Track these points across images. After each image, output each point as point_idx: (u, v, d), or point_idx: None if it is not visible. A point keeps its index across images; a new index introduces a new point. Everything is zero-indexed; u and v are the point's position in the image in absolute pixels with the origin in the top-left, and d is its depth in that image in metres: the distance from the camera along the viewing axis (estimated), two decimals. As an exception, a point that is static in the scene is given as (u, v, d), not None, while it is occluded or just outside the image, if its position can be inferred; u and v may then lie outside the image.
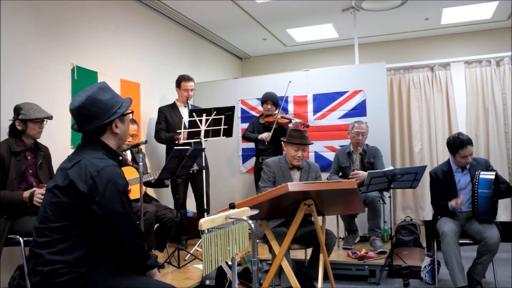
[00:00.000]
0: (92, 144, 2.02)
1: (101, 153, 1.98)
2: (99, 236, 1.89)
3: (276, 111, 5.08)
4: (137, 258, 1.97)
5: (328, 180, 4.76)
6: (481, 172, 3.64)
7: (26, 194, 3.01)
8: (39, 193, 3.00)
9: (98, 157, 1.94)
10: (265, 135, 5.02)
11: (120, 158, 2.12)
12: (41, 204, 1.99)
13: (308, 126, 4.90)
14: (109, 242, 1.90)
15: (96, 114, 1.97)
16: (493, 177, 3.58)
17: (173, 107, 5.03)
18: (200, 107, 4.89)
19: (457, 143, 3.73)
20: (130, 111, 2.16)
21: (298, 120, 4.87)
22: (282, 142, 4.02)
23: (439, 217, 3.87)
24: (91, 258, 1.88)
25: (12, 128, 3.20)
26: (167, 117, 4.94)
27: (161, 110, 5.01)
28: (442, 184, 3.86)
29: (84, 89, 2.03)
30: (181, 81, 4.95)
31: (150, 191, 4.74)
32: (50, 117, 3.28)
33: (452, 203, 3.69)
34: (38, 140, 3.33)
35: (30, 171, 3.23)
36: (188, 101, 4.87)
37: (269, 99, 5.14)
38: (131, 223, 1.92)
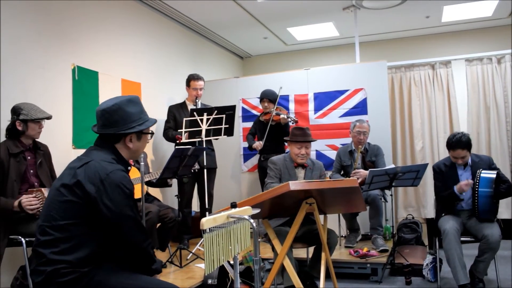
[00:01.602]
0: (104, 148, 2.04)
1: (110, 157, 2.01)
2: (102, 236, 1.90)
3: (274, 108, 5.08)
4: (143, 261, 1.99)
5: (330, 178, 4.76)
6: (482, 171, 3.63)
7: (16, 203, 2.97)
8: (25, 199, 2.98)
9: (107, 160, 1.97)
10: (257, 144, 5.10)
11: (129, 168, 2.13)
12: (45, 202, 2.00)
13: (296, 121, 4.90)
14: (116, 244, 1.91)
15: (116, 121, 2.01)
16: (494, 176, 3.57)
17: (182, 106, 5.07)
18: (210, 106, 4.89)
19: (449, 143, 3.76)
20: (150, 131, 2.18)
21: (285, 116, 4.89)
22: (285, 141, 4.03)
23: (443, 214, 3.86)
24: (94, 258, 1.88)
25: (11, 129, 3.19)
26: (175, 116, 4.98)
27: (170, 109, 5.06)
28: (445, 179, 3.86)
29: (116, 96, 2.10)
30: (190, 80, 4.99)
31: (152, 191, 4.74)
32: (50, 117, 3.30)
33: (458, 186, 3.66)
34: (37, 139, 3.33)
35: (31, 171, 3.23)
36: (197, 100, 4.87)
37: (265, 96, 5.15)
38: (139, 227, 1.94)
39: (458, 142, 3.68)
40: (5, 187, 3.04)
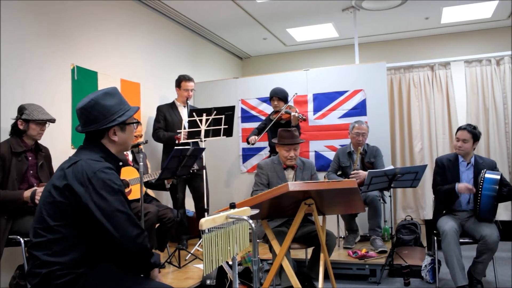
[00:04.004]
0: (91, 146, 2.02)
1: (98, 155, 1.98)
2: (95, 237, 1.89)
3: (284, 107, 4.98)
4: (140, 256, 1.96)
5: (326, 178, 4.76)
6: (487, 171, 3.65)
7: (27, 193, 3.01)
8: (40, 192, 2.98)
9: (95, 159, 1.95)
10: (251, 138, 5.02)
11: (121, 163, 2.11)
12: (38, 204, 1.98)
13: (304, 119, 4.83)
14: (110, 242, 1.89)
15: (96, 117, 1.98)
16: (498, 177, 3.59)
17: (172, 106, 5.03)
18: (196, 107, 4.88)
19: (459, 127, 3.89)
20: (134, 120, 2.14)
21: (296, 114, 4.77)
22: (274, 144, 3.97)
23: (444, 212, 3.87)
24: (88, 259, 1.87)
25: (14, 127, 3.20)
26: (166, 116, 4.94)
27: (160, 109, 5.01)
28: (446, 173, 3.87)
29: (94, 92, 2.05)
30: (181, 81, 4.95)
31: (150, 191, 4.74)
32: (53, 120, 3.30)
33: (461, 185, 3.68)
34: (38, 141, 3.33)
35: (31, 171, 3.23)
36: (188, 101, 4.87)
37: (274, 95, 5.03)
38: (131, 221, 1.91)
39: (466, 127, 3.80)
40: (6, 184, 3.06)
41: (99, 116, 1.98)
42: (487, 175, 3.61)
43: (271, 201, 2.81)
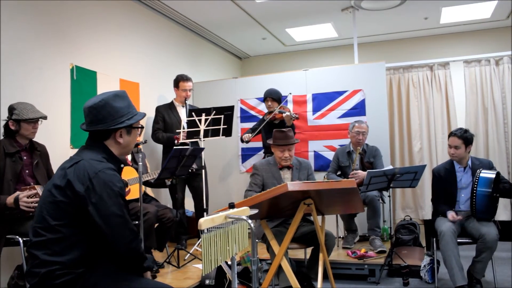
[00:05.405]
0: (94, 147, 2.03)
1: (101, 156, 1.99)
2: (95, 237, 1.89)
3: (277, 107, 4.98)
4: (133, 260, 1.97)
5: (326, 178, 4.76)
6: (482, 171, 3.64)
7: (10, 199, 2.93)
8: (24, 197, 2.94)
9: (97, 159, 1.95)
10: (244, 136, 5.02)
11: (122, 165, 2.11)
12: (38, 203, 1.98)
13: (297, 118, 4.80)
14: (105, 243, 1.90)
15: (104, 117, 1.99)
16: (493, 176, 3.58)
17: (171, 107, 5.02)
18: (196, 107, 4.88)
19: (451, 132, 3.90)
20: (140, 125, 2.17)
21: (287, 113, 4.77)
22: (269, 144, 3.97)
23: (439, 215, 3.87)
24: (87, 259, 1.87)
25: (6, 128, 3.18)
26: (164, 117, 4.93)
27: (158, 110, 5.00)
28: (444, 183, 3.87)
29: (103, 92, 2.07)
30: (179, 81, 4.94)
31: (149, 191, 4.74)
32: (44, 117, 3.25)
33: (449, 217, 3.70)
34: (34, 139, 3.31)
35: (27, 171, 3.21)
36: (186, 101, 4.87)
37: (268, 95, 5.06)
38: (127, 225, 1.91)
39: (456, 132, 3.81)
40: (1, 186, 3.04)
41: (107, 117, 2.00)
42: (481, 175, 3.61)
43: (270, 201, 2.81)
